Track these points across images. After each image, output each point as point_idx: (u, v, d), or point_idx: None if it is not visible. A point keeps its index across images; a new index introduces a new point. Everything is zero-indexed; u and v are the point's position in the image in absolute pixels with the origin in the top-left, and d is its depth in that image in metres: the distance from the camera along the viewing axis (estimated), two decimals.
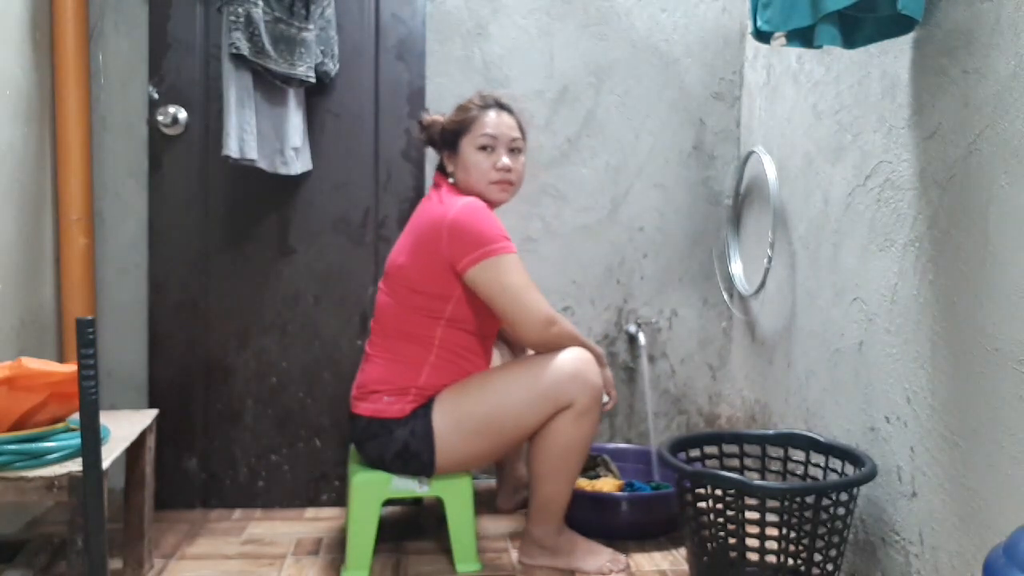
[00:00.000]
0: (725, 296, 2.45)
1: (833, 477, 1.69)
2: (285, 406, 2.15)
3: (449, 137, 1.79)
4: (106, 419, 1.46)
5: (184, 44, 2.06)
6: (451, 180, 1.80)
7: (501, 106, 1.79)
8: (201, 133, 2.09)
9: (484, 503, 2.13)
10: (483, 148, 1.75)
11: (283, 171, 2.03)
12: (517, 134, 1.79)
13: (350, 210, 2.15)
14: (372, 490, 1.73)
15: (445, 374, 1.71)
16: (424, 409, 1.69)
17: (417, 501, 2.14)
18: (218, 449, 2.14)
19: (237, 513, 2.12)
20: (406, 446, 1.68)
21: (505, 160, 1.75)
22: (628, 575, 1.76)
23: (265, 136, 1.97)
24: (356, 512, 1.73)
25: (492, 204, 1.77)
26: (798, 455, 1.81)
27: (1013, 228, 1.24)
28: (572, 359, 1.67)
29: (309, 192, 2.13)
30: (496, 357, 1.94)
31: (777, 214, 2.08)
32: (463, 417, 1.67)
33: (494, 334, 1.83)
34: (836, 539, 1.53)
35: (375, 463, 1.73)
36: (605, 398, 1.76)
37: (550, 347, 1.69)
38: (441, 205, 1.70)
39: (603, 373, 1.73)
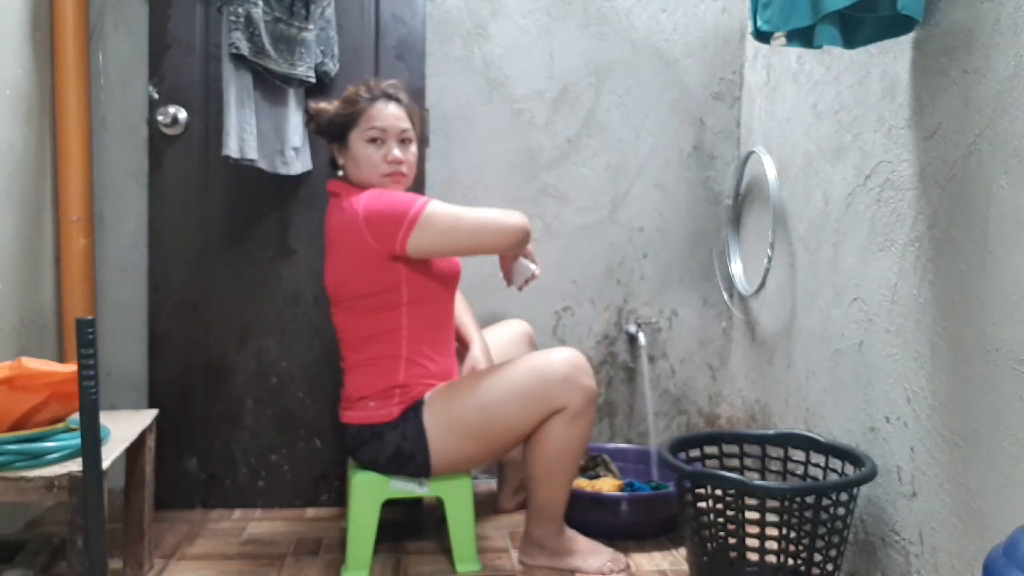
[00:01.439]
0: (725, 296, 2.45)
1: (833, 477, 1.69)
2: (285, 406, 2.15)
3: (337, 130, 1.76)
4: (106, 419, 1.45)
5: (184, 44, 2.07)
6: (340, 173, 1.79)
7: (389, 96, 1.76)
8: (201, 133, 2.09)
9: (484, 503, 2.13)
10: (372, 141, 1.72)
11: (283, 171, 2.03)
12: (406, 124, 1.75)
13: None
14: (372, 490, 1.73)
15: (422, 364, 1.71)
16: (414, 411, 1.68)
17: (417, 501, 2.14)
18: (218, 449, 2.14)
19: (237, 513, 2.12)
20: (399, 449, 1.68)
21: (396, 152, 1.72)
22: (628, 575, 1.77)
23: (265, 136, 1.97)
24: (356, 512, 1.73)
25: None
26: (798, 455, 1.81)
27: (1013, 228, 1.24)
28: (564, 362, 1.66)
29: (309, 192, 2.13)
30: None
31: (777, 214, 2.08)
32: (456, 420, 1.67)
33: (452, 298, 1.82)
34: (836, 539, 1.53)
35: (370, 468, 1.73)
36: (533, 267, 1.78)
37: (525, 239, 1.71)
38: (346, 213, 1.67)
39: (527, 250, 1.77)
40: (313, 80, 2.00)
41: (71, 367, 1.33)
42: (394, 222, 1.63)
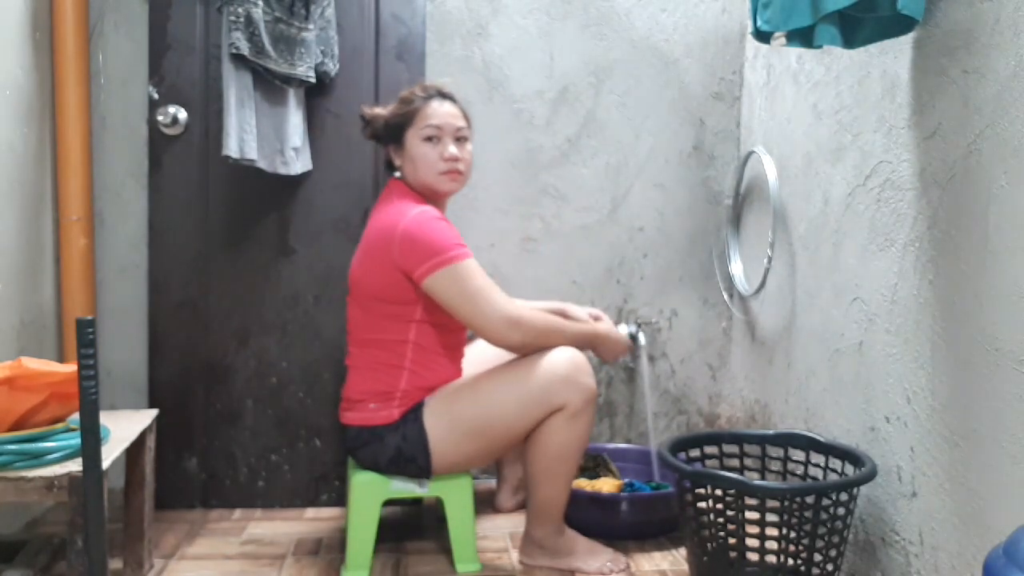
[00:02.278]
0: (725, 296, 2.45)
1: (833, 477, 1.69)
2: (285, 406, 2.15)
3: (393, 131, 1.76)
4: (106, 419, 1.46)
5: (184, 44, 2.06)
6: (397, 175, 1.79)
7: (443, 95, 1.76)
8: (201, 133, 2.09)
9: (484, 503, 2.13)
10: (429, 139, 1.72)
11: (283, 171, 2.03)
12: (462, 123, 1.76)
13: (350, 210, 2.15)
14: (372, 490, 1.73)
15: (424, 376, 1.71)
16: (414, 413, 1.68)
17: (417, 501, 2.14)
18: (218, 449, 2.14)
19: (237, 513, 2.12)
20: (399, 451, 1.68)
21: (452, 150, 1.72)
22: (628, 575, 1.77)
23: (265, 136, 1.97)
24: (356, 512, 1.73)
25: (443, 195, 1.76)
26: (798, 455, 1.81)
27: (1013, 228, 1.24)
28: (564, 361, 1.66)
29: (309, 192, 2.13)
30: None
31: (777, 214, 2.08)
32: (456, 420, 1.67)
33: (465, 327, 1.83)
34: (836, 539, 1.53)
35: (371, 469, 1.73)
36: (633, 331, 1.83)
37: (522, 349, 1.67)
38: (391, 215, 1.68)
39: (606, 330, 1.79)
40: (313, 80, 2.00)
41: (71, 367, 1.33)
42: (424, 255, 1.63)
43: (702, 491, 1.58)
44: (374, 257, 1.69)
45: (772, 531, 1.51)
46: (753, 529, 1.53)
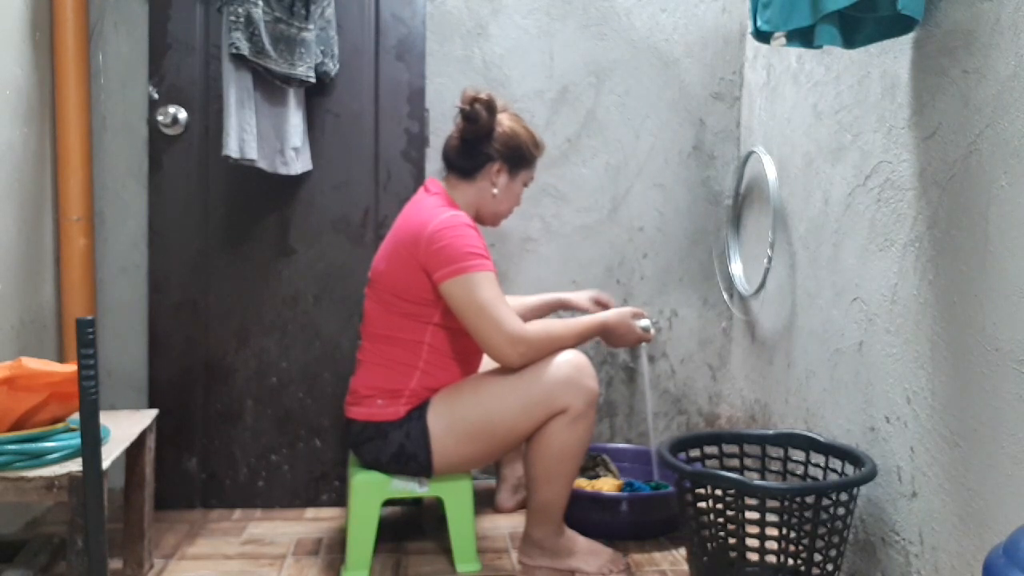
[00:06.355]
0: (725, 296, 2.45)
1: (833, 477, 1.69)
2: (285, 406, 2.15)
3: (513, 157, 1.79)
4: (106, 419, 1.45)
5: (184, 44, 2.07)
6: (468, 178, 1.78)
7: None
8: (201, 133, 2.09)
9: (484, 503, 2.13)
10: (524, 186, 1.86)
11: (283, 171, 2.03)
12: None
13: (350, 210, 2.15)
14: (372, 490, 1.73)
15: (436, 378, 1.71)
16: (419, 412, 1.69)
17: (417, 501, 2.14)
18: (218, 449, 2.14)
19: (237, 513, 2.12)
20: (402, 448, 1.68)
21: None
22: (628, 575, 1.76)
23: (265, 136, 1.97)
24: (356, 512, 1.73)
25: (484, 225, 1.84)
26: (798, 455, 1.81)
27: (1013, 228, 1.24)
28: (566, 364, 1.66)
29: (309, 192, 2.13)
30: None
31: (777, 214, 2.08)
32: (457, 420, 1.67)
33: None
34: (836, 539, 1.53)
35: (372, 466, 1.73)
36: (648, 325, 1.80)
37: (522, 365, 1.65)
38: (424, 214, 1.69)
39: (616, 320, 1.75)
40: (313, 80, 2.00)
41: (71, 367, 1.33)
42: (448, 257, 1.63)
43: (702, 491, 1.58)
44: (400, 253, 1.69)
45: (772, 531, 1.51)
46: (753, 529, 1.53)
